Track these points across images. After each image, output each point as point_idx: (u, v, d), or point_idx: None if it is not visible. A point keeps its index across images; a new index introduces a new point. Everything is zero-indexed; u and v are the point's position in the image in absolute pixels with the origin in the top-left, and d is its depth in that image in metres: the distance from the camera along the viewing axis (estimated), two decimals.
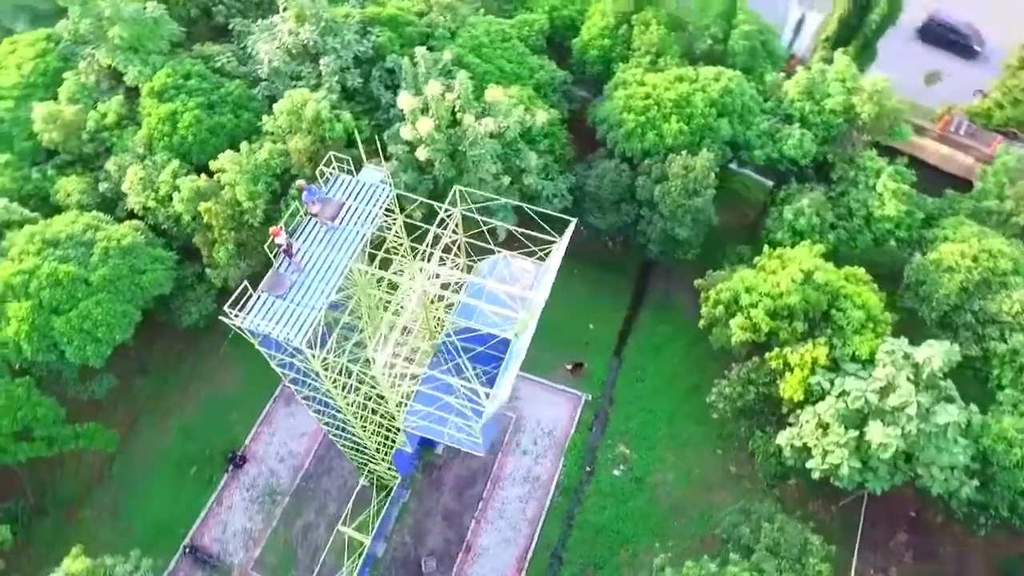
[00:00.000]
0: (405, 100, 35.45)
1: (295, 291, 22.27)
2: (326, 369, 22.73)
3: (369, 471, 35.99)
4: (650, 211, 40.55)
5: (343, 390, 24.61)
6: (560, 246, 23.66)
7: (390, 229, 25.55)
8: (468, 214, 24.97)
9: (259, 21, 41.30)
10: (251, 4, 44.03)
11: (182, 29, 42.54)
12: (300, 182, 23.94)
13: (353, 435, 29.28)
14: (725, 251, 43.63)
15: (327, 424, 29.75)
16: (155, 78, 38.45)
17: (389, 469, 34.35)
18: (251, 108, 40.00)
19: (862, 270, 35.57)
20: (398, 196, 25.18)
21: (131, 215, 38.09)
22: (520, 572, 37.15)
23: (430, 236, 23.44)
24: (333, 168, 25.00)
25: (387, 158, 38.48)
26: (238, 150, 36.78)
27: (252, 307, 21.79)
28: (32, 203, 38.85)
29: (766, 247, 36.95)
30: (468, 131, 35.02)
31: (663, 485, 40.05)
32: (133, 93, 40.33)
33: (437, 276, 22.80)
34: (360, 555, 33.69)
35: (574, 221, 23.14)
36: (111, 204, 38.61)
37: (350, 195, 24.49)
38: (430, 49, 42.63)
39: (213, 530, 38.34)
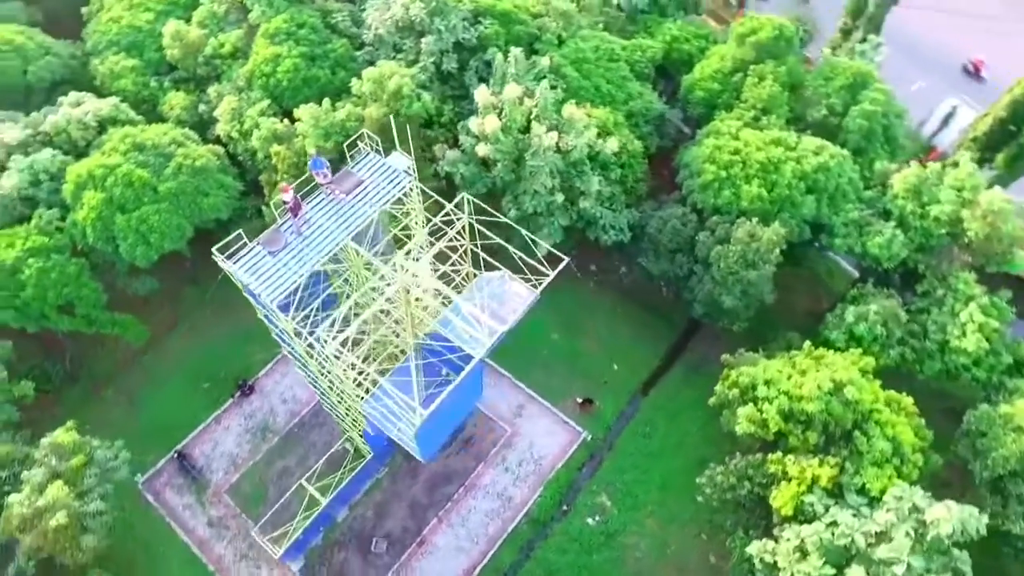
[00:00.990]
0: (482, 94, 35.48)
1: (286, 252, 22.91)
2: (298, 336, 23.25)
3: (348, 437, 36.78)
4: (703, 270, 38.35)
5: (312, 359, 25.11)
6: (545, 281, 22.74)
7: (406, 216, 25.71)
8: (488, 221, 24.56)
9: None
10: None
11: None
12: (283, 184, 24.40)
13: (328, 399, 29.95)
14: (779, 332, 40.61)
15: (309, 382, 30.59)
16: (272, 21, 40.79)
17: (364, 443, 34.93)
18: (349, 69, 41.51)
19: (910, 400, 31.85)
20: (444, 187, 25.06)
21: (217, 140, 40.78)
22: None
23: (422, 233, 23.29)
24: (366, 144, 25.40)
25: (457, 147, 38.80)
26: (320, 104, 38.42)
27: (243, 256, 22.63)
28: (143, 108, 42.53)
29: (807, 343, 33.90)
30: (533, 140, 34.52)
31: (634, 549, 38.13)
32: (254, 30, 43.03)
33: (416, 275, 22.64)
34: (313, 514, 34.50)
35: (566, 260, 22.04)
36: (204, 126, 41.51)
37: (372, 174, 24.81)
38: (535, 52, 42.44)
39: (205, 445, 40.71)
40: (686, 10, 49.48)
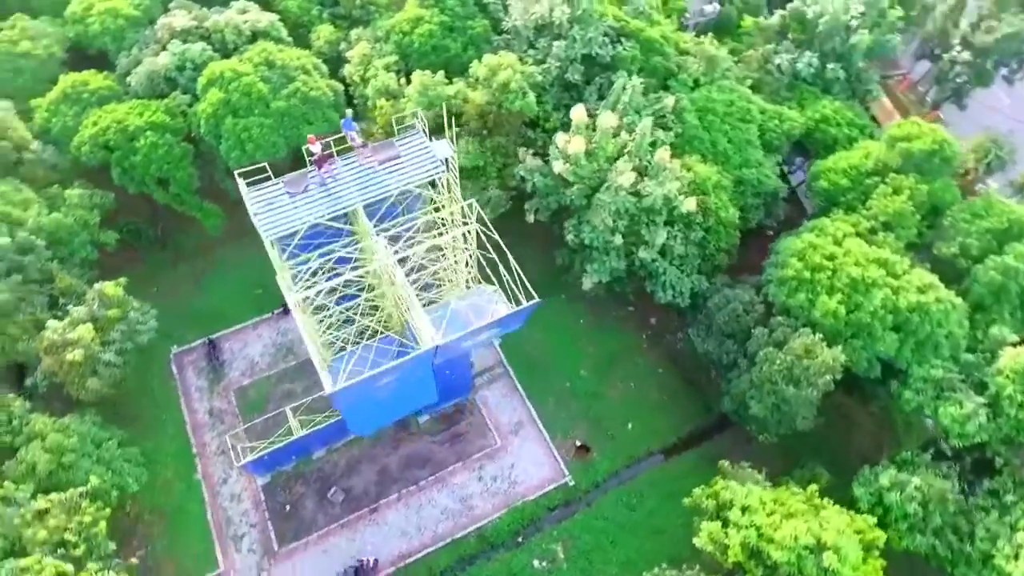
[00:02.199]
0: (578, 112, 34.60)
1: (303, 198, 23.87)
2: (283, 279, 24.24)
3: None
4: (747, 365, 35.17)
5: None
6: (516, 315, 21.88)
7: (434, 201, 25.84)
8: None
9: None
10: None
11: None
12: (310, 136, 24.93)
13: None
14: (811, 461, 36.52)
15: None
16: None
17: None
18: (481, 49, 42.11)
19: None
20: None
21: (342, 80, 43.18)
22: (391, 566, 36.96)
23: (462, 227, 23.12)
24: (417, 122, 25.71)
25: (545, 156, 38.29)
26: (446, 76, 39.39)
27: (265, 187, 23.87)
28: (297, 32, 45.91)
29: (811, 487, 30.10)
30: (610, 175, 33.17)
31: None
32: None
33: (394, 260, 22.70)
34: (284, 441, 36.15)
35: (538, 301, 21.05)
36: (338, 63, 44.07)
37: (411, 152, 25.10)
38: (665, 89, 40.70)
39: (235, 343, 43.97)
40: (854, 93, 44.90)
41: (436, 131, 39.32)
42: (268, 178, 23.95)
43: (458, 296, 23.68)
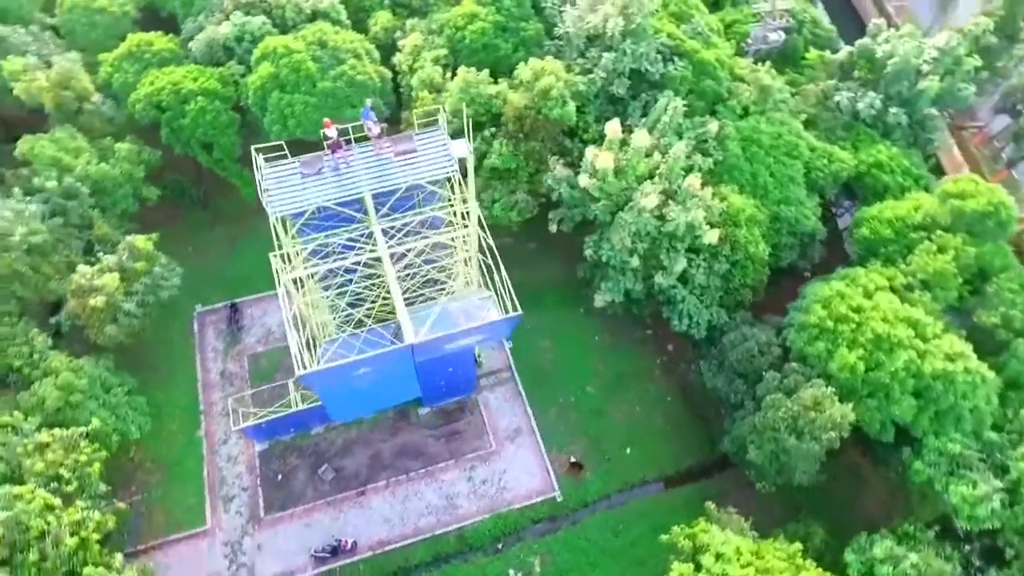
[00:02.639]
0: (612, 127, 33.99)
1: (315, 179, 24.24)
2: (283, 257, 24.62)
3: None
4: (753, 407, 33.92)
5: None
6: (496, 325, 21.62)
7: (447, 199, 25.83)
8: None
9: None
10: None
11: None
12: (326, 120, 25.06)
13: None
14: (805, 514, 35.01)
15: None
16: None
17: None
18: (531, 52, 41.89)
19: None
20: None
21: (392, 68, 43.70)
22: (369, 551, 37.27)
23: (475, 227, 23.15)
24: (440, 119, 25.73)
25: (576, 165, 37.83)
26: (492, 75, 39.40)
27: (280, 164, 24.33)
28: (357, 15, 46.72)
29: (796, 545, 28.74)
30: (635, 195, 32.49)
31: None
32: None
33: (386, 252, 22.78)
34: (286, 414, 36.91)
35: (518, 315, 20.75)
36: (390, 50, 44.62)
37: (428, 148, 25.15)
38: (712, 114, 39.64)
39: (256, 310, 45.14)
40: (915, 141, 42.66)
41: (476, 128, 39.50)
42: (285, 156, 24.37)
43: (453, 297, 23.61)
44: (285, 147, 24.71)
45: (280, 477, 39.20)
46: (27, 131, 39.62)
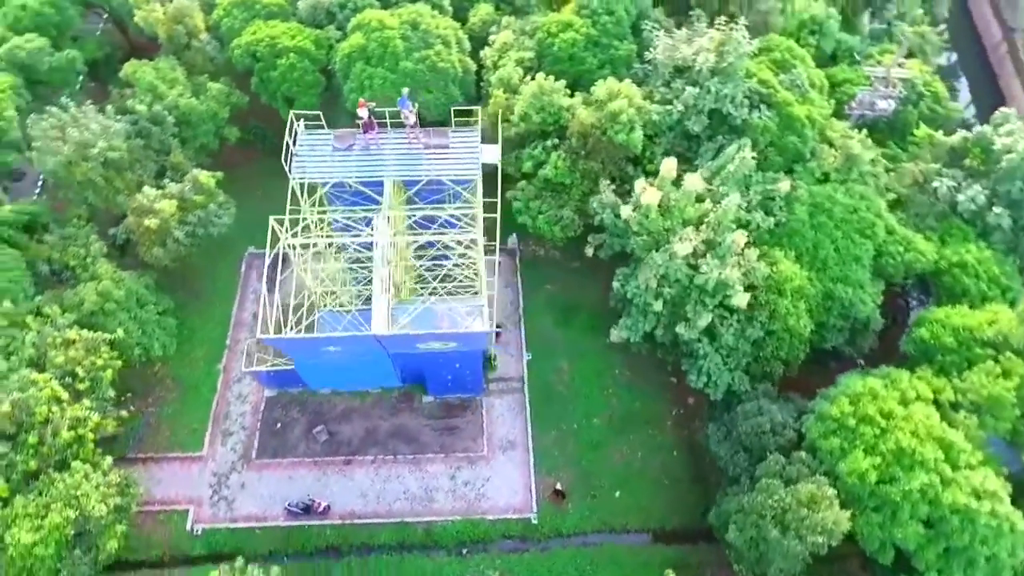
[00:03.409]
0: (668, 165, 32.65)
1: (343, 154, 24.84)
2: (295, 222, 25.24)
3: None
4: (748, 484, 31.90)
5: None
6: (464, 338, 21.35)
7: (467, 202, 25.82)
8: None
9: (698, 23, 40.67)
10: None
11: None
12: (361, 100, 25.33)
13: None
14: None
15: None
16: None
17: None
18: (618, 72, 40.96)
19: None
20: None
21: (479, 62, 43.99)
22: (339, 518, 38.07)
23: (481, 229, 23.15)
24: (478, 121, 25.65)
25: (626, 194, 36.75)
26: (570, 87, 38.97)
27: (316, 132, 25.04)
28: (461, 4, 47.29)
29: None
30: (672, 239, 31.14)
31: None
32: None
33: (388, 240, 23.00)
34: (290, 368, 38.16)
35: (485, 332, 20.38)
36: (481, 44, 44.87)
37: (460, 148, 25.15)
38: (788, 172, 37.47)
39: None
40: (1016, 248, 38.43)
41: (540, 137, 39.14)
42: (322, 127, 25.05)
43: (443, 297, 23.72)
44: (322, 117, 25.39)
45: (279, 426, 40.71)
46: (147, 58, 42.98)
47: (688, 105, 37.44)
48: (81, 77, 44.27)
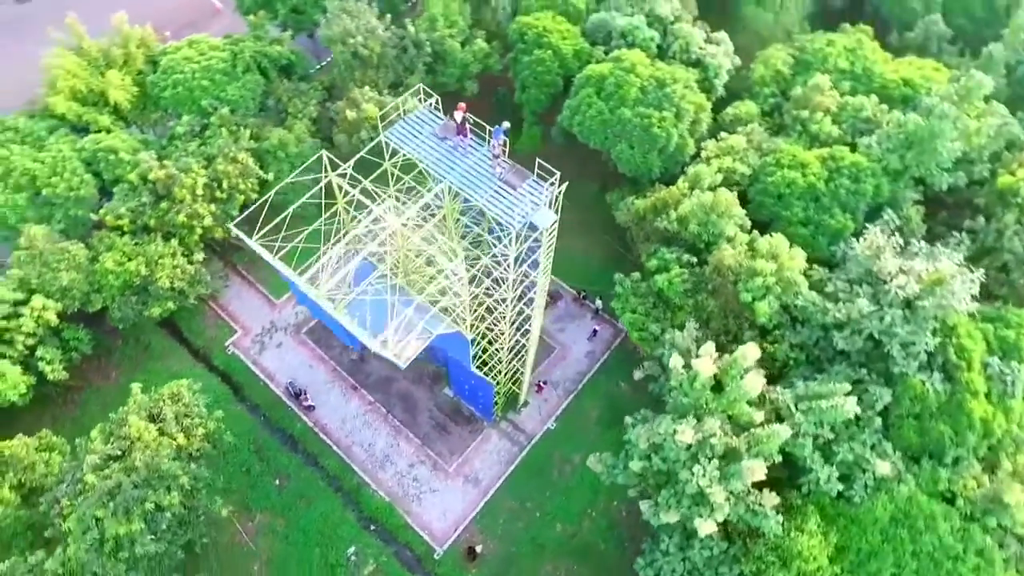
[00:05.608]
0: (750, 352, 28.15)
1: (435, 143, 26.19)
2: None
3: None
4: None
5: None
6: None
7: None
8: None
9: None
10: None
11: None
12: (460, 104, 24.99)
13: None
14: None
15: None
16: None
17: None
18: (815, 239, 35.94)
19: None
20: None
21: (699, 147, 41.60)
22: (311, 422, 41.56)
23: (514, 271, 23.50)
24: (555, 187, 25.11)
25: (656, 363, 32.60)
26: (757, 224, 35.78)
27: (426, 114, 26.76)
28: (735, 90, 44.96)
29: None
30: (700, 419, 27.24)
31: None
32: None
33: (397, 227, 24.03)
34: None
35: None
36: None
37: (525, 195, 24.96)
38: (914, 460, 30.12)
39: None
40: None
41: (685, 247, 36.27)
42: (442, 117, 26.52)
43: (428, 296, 24.60)
44: (439, 102, 26.84)
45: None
46: None
47: (851, 317, 31.46)
48: None
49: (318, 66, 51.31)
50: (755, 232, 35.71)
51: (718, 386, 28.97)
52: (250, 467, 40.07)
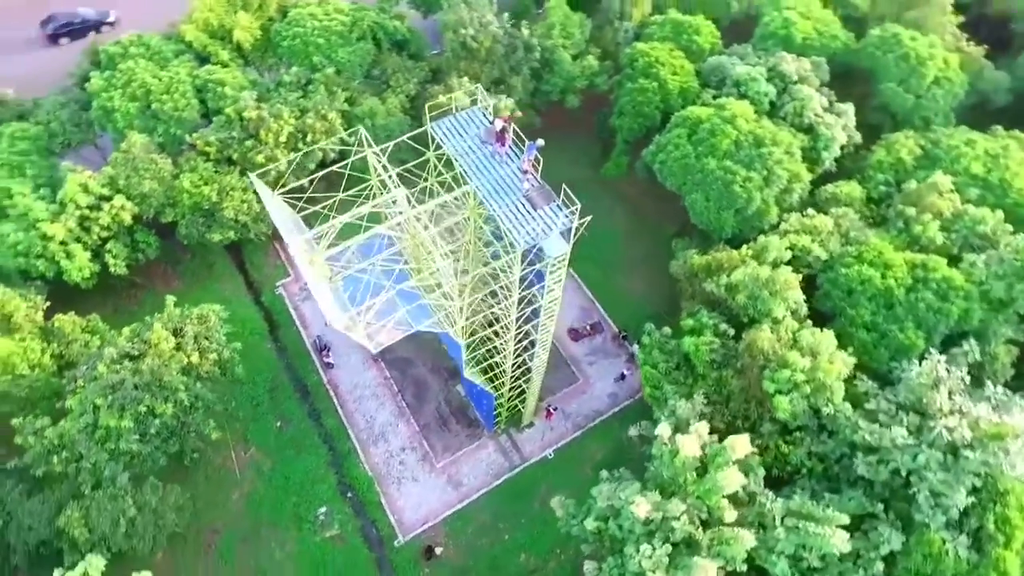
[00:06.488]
0: (740, 444, 25.78)
1: (476, 143, 26.03)
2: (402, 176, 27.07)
3: None
4: None
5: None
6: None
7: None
8: None
9: None
10: None
11: None
12: (505, 115, 24.15)
13: None
14: None
15: None
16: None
17: None
18: (874, 356, 32.39)
19: None
20: None
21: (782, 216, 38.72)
22: (327, 380, 42.97)
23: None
24: (574, 218, 24.20)
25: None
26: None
27: (479, 111, 26.63)
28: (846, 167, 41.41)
29: None
30: (666, 500, 25.34)
31: None
32: None
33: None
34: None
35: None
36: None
37: (547, 216, 24.31)
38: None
39: None
40: None
41: (725, 316, 33.86)
42: (492, 120, 26.23)
43: (423, 284, 24.67)
44: (493, 113, 26.53)
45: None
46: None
47: (881, 443, 28.07)
48: None
49: (436, 51, 52.74)
50: (808, 322, 32.69)
51: (704, 469, 26.82)
52: (260, 403, 42.06)
